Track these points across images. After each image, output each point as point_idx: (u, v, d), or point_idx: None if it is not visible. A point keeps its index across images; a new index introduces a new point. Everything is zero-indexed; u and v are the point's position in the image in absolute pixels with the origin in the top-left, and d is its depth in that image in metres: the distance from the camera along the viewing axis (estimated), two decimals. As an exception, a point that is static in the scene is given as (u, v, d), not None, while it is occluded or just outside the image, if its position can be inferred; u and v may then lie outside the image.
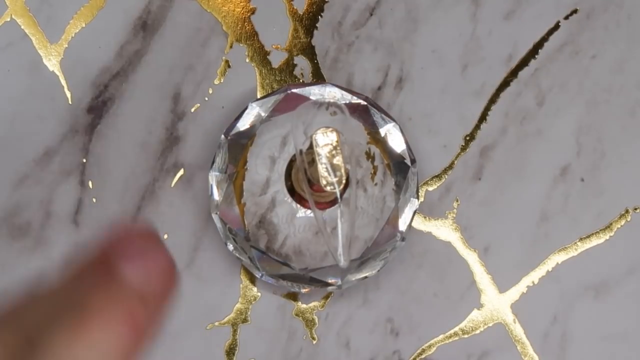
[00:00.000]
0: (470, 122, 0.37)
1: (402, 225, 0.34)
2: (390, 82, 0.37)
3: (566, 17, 0.37)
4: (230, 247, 0.34)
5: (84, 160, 0.36)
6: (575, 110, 0.37)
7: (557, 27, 0.37)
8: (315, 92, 0.34)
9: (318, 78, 0.36)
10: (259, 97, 0.36)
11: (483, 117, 0.37)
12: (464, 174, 0.36)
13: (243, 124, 0.34)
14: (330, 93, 0.34)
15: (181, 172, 0.36)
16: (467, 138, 0.37)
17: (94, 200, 0.36)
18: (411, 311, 0.36)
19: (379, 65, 0.37)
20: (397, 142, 0.35)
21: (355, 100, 0.35)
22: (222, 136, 0.34)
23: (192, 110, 0.36)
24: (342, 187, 0.31)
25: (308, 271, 0.34)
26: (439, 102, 0.37)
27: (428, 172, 0.36)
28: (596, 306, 0.36)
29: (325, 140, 0.30)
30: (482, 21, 0.37)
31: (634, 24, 0.37)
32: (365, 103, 0.35)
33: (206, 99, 0.36)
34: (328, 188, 0.30)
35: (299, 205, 0.34)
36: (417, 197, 0.35)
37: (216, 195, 0.34)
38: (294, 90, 0.34)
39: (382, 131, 0.35)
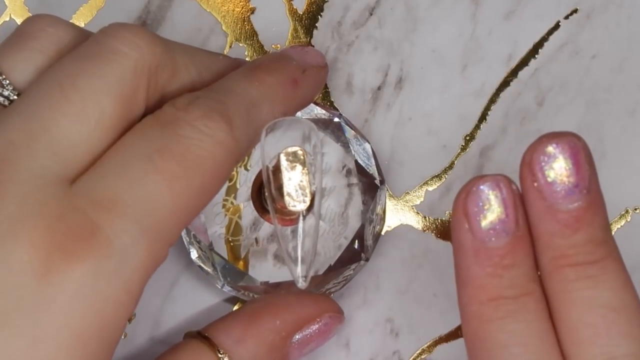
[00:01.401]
0: (470, 122, 0.37)
1: (367, 245, 0.34)
2: (390, 82, 0.37)
3: (566, 17, 0.37)
4: (194, 254, 0.34)
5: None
6: (575, 110, 0.37)
7: (557, 26, 0.37)
8: None
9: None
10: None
11: (483, 117, 0.37)
12: (464, 174, 0.36)
13: None
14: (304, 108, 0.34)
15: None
16: (467, 138, 0.36)
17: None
18: (411, 311, 0.36)
19: (378, 65, 0.37)
20: (367, 162, 0.34)
21: (328, 116, 0.34)
22: None
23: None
24: (306, 206, 0.31)
25: (269, 285, 0.34)
26: (439, 102, 0.37)
27: (428, 172, 0.36)
28: (596, 306, 0.36)
29: (291, 159, 0.30)
30: (482, 21, 0.37)
31: (634, 24, 0.37)
32: (338, 120, 0.34)
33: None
34: (292, 207, 0.30)
35: (262, 219, 0.34)
36: (384, 218, 0.35)
37: None
38: None
39: (353, 150, 0.34)
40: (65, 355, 0.25)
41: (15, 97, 0.28)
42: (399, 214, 0.36)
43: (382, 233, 0.35)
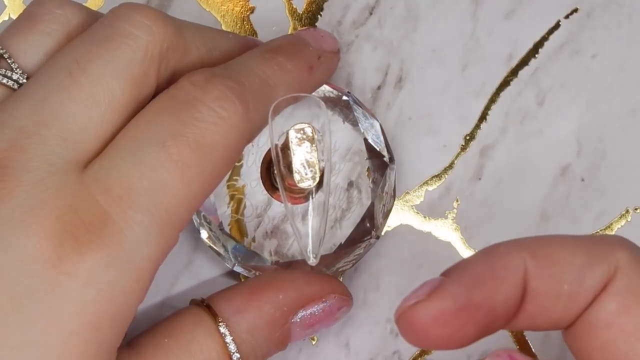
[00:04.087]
0: (470, 121, 0.37)
1: (377, 223, 0.34)
2: (390, 82, 0.37)
3: (566, 16, 0.37)
4: (204, 234, 0.34)
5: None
6: (575, 110, 0.36)
7: (557, 26, 0.37)
8: None
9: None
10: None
11: (483, 117, 0.37)
12: (464, 174, 0.36)
13: None
14: None
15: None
16: (467, 137, 0.36)
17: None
18: (411, 311, 0.36)
19: (378, 65, 0.37)
20: (376, 140, 0.34)
21: (337, 94, 0.34)
22: None
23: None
24: (315, 183, 0.31)
25: (280, 264, 0.34)
26: (439, 101, 0.37)
27: (428, 172, 0.36)
28: (597, 306, 0.36)
29: (300, 136, 0.30)
30: (482, 20, 0.37)
31: (635, 23, 0.37)
32: (347, 98, 0.34)
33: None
34: (301, 184, 0.30)
35: (272, 198, 0.34)
36: (394, 196, 0.35)
37: None
38: None
39: (362, 127, 0.34)
40: (78, 341, 0.25)
41: (25, 80, 0.28)
42: (399, 214, 0.36)
43: (382, 233, 0.35)
